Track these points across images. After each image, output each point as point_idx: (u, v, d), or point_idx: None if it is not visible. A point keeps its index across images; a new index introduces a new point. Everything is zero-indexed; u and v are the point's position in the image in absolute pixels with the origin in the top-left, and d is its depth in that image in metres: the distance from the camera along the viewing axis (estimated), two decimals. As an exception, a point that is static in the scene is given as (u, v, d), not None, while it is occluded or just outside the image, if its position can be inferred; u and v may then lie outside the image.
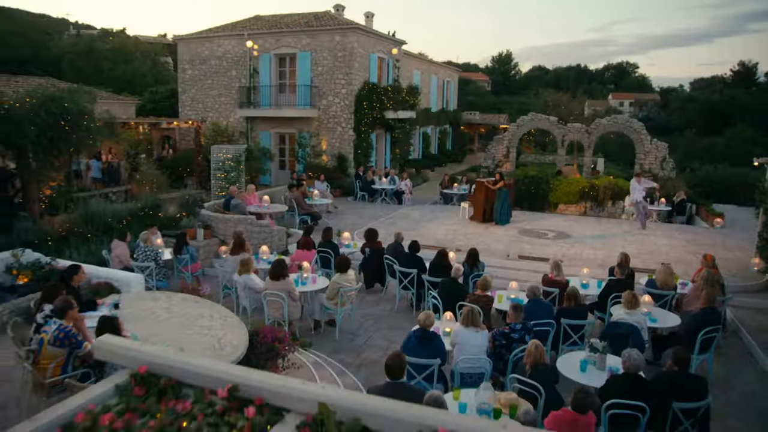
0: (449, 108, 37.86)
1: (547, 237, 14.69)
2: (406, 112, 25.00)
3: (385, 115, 23.01)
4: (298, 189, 15.50)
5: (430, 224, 15.82)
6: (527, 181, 20.11)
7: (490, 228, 15.62)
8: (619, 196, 19.32)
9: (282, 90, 23.15)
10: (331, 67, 21.98)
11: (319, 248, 10.93)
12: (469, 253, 10.00)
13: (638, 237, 14.85)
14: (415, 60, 30.88)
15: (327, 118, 22.42)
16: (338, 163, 22.32)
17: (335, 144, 22.48)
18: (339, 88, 22.11)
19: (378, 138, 24.74)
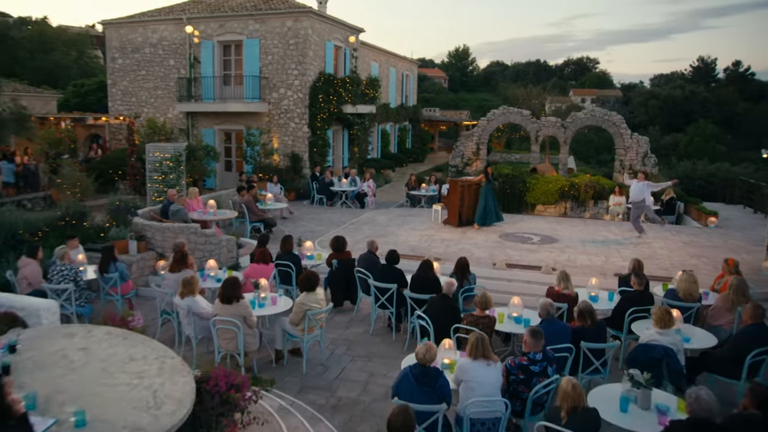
0: (409, 104, 37.12)
1: (533, 242, 13.89)
2: (366, 106, 24.09)
3: (342, 109, 22.07)
4: (249, 192, 14.13)
5: (401, 230, 14.84)
6: (501, 181, 19.33)
7: (468, 233, 14.72)
8: (601, 196, 18.79)
9: (227, 82, 21.79)
10: (283, 55, 20.81)
11: (278, 261, 9.68)
12: (458, 264, 8.93)
13: (632, 240, 14.28)
14: (372, 51, 29.84)
15: (278, 113, 21.24)
16: (292, 163, 21.16)
17: (288, 142, 21.28)
18: (291, 79, 20.92)
19: (335, 135, 23.74)
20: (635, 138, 20.96)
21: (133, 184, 18.71)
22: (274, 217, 15.34)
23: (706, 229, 15.81)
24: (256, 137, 20.29)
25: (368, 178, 19.48)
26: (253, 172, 20.35)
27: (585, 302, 7.00)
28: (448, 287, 7.79)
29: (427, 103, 50.17)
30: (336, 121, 22.76)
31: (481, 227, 15.13)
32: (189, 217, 12.00)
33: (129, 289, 9.24)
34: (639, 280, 8.02)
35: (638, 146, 20.92)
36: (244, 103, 20.74)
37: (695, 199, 18.23)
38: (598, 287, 8.73)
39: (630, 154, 20.99)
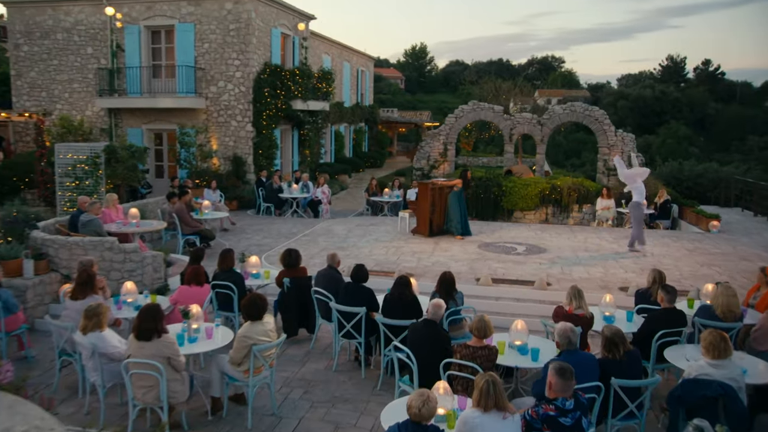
0: (364, 103, 36.34)
1: (518, 252, 13.01)
2: (319, 102, 23.13)
3: (292, 105, 21.03)
4: (181, 199, 12.66)
5: (362, 241, 13.81)
6: (474, 185, 18.49)
7: (442, 243, 13.73)
8: (586, 200, 18.30)
9: (157, 74, 20.39)
10: (222, 43, 19.57)
11: (215, 281, 8.31)
12: (443, 280, 7.76)
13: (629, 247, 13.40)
14: (324, 42, 28.79)
15: (218, 110, 19.98)
16: (234, 168, 19.88)
17: (229, 143, 20.00)
18: (232, 70, 19.67)
19: (284, 135, 22.57)
20: (620, 135, 20.40)
21: (43, 193, 16.95)
22: (213, 228, 13.93)
23: (708, 234, 15.24)
24: (191, 137, 18.84)
25: (322, 183, 18.29)
26: (188, 177, 18.85)
27: (612, 327, 5.88)
28: (434, 310, 6.56)
29: (383, 105, 49.42)
30: (284, 120, 21.63)
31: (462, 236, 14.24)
32: (104, 229, 10.47)
33: (18, 323, 7.68)
34: (669, 295, 6.97)
35: (623, 144, 20.38)
36: (176, 98, 19.33)
37: (692, 202, 17.72)
38: (613, 305, 7.64)
39: (614, 152, 20.33)
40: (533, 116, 21.45)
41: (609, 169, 20.40)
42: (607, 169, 20.48)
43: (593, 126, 20.69)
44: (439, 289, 7.77)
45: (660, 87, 68.37)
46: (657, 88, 67.30)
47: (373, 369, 7.85)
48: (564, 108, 21.27)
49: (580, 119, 20.93)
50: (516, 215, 18.63)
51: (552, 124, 21.24)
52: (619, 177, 13.05)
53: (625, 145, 20.43)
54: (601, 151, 20.67)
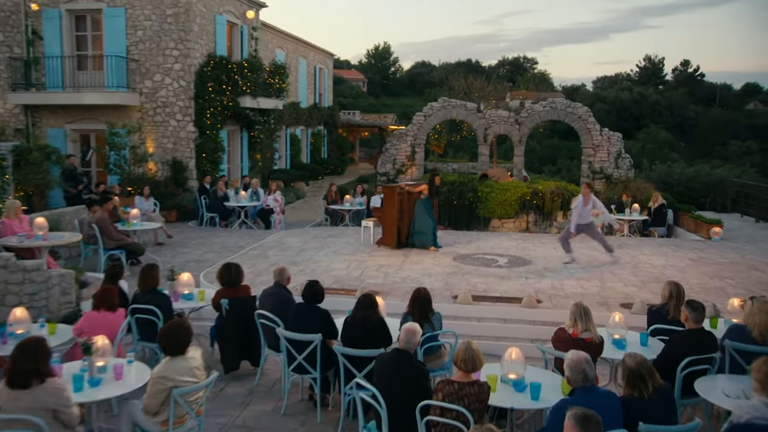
0: (323, 104, 35.58)
1: (499, 265, 12.27)
2: (270, 100, 22.12)
3: (239, 102, 20.00)
4: (103, 207, 11.42)
5: (320, 255, 12.99)
6: (446, 190, 17.78)
7: (412, 255, 12.93)
8: (569, 206, 17.52)
9: (82, 66, 19.15)
10: (158, 31, 18.53)
11: (135, 305, 7.15)
12: (416, 298, 6.81)
13: (625, 258, 12.99)
14: (277, 35, 27.88)
15: (154, 108, 18.91)
16: (173, 173, 18.80)
17: (168, 145, 18.95)
18: (170, 62, 18.66)
19: (231, 137, 21.53)
20: (605, 134, 19.94)
21: (-56, 203, 15.45)
22: (143, 242, 12.72)
23: (710, 242, 14.76)
24: (122, 138, 17.56)
25: (274, 190, 17.35)
26: (120, 184, 17.59)
27: (636, 357, 4.93)
28: (407, 337, 5.54)
29: (344, 108, 48.70)
30: (232, 119, 20.63)
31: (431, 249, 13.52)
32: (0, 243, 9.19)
33: None
34: (696, 313, 6.06)
35: (609, 144, 19.91)
36: (105, 94, 18.13)
37: (689, 207, 17.19)
38: (624, 326, 6.72)
39: (600, 154, 19.95)
40: (510, 114, 20.79)
41: (594, 172, 20.02)
42: (592, 172, 20.06)
43: (576, 125, 20.20)
44: (412, 309, 6.77)
45: (638, 89, 69.10)
46: (635, 91, 67.98)
47: (331, 411, 6.80)
48: (544, 105, 20.72)
49: (562, 117, 20.44)
50: (494, 224, 18.00)
51: (531, 123, 20.71)
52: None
53: (612, 145, 20.00)
54: (585, 152, 20.21)
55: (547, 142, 60.98)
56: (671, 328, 6.60)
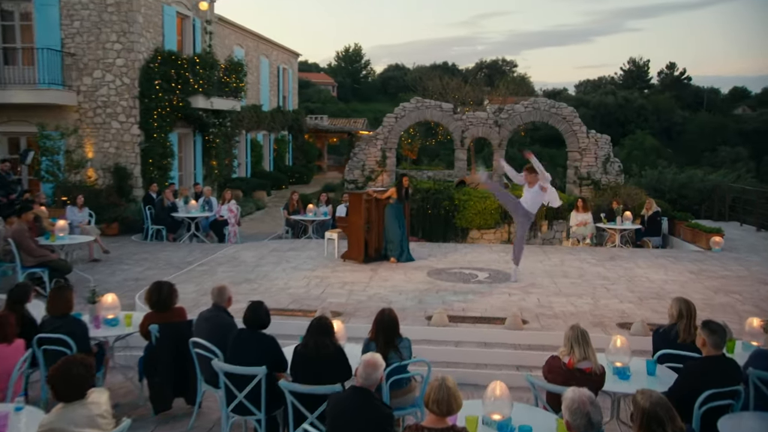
0: (287, 107, 35.16)
1: (479, 280, 11.70)
2: (227, 101, 21.56)
3: (191, 102, 19.42)
4: (21, 218, 10.48)
5: (277, 271, 12.34)
6: (420, 198, 17.29)
7: (381, 271, 12.36)
8: (557, 214, 17.26)
9: (10, 60, 18.29)
10: (97, 22, 17.87)
11: (42, 335, 6.29)
12: (380, 322, 6.08)
13: (619, 271, 12.43)
14: (236, 31, 27.38)
15: (93, 108, 18.23)
16: (116, 181, 18.12)
17: (110, 150, 18.29)
18: (112, 57, 18.04)
19: (183, 141, 20.90)
20: (593, 137, 19.52)
21: None
22: (72, 261, 11.80)
23: (710, 253, 14.34)
24: (55, 142, 16.64)
25: (228, 198, 16.62)
26: (53, 194, 16.71)
27: (651, 395, 4.19)
28: (367, 372, 4.78)
29: (312, 113, 48.24)
30: (183, 122, 20.00)
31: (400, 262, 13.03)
32: None
33: None
34: (715, 337, 5.35)
35: (597, 148, 19.48)
36: (37, 92, 17.39)
37: (685, 215, 16.77)
38: (627, 352, 6.00)
39: (587, 158, 19.52)
40: (489, 115, 20.21)
41: (581, 177, 19.57)
42: (579, 177, 19.62)
43: (560, 126, 19.78)
44: (376, 335, 6.00)
45: (623, 93, 69.44)
46: (619, 95, 68.31)
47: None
48: (526, 106, 20.25)
49: (545, 118, 20.01)
50: (472, 235, 17.41)
51: (511, 125, 20.22)
52: (514, 180, 11.55)
53: (599, 148, 19.58)
54: (571, 156, 19.77)
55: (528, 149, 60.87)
56: (682, 354, 5.90)
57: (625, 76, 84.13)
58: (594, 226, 16.02)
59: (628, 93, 70.24)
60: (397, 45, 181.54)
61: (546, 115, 19.90)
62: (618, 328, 8.54)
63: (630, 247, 15.59)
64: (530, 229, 16.94)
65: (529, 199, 10.91)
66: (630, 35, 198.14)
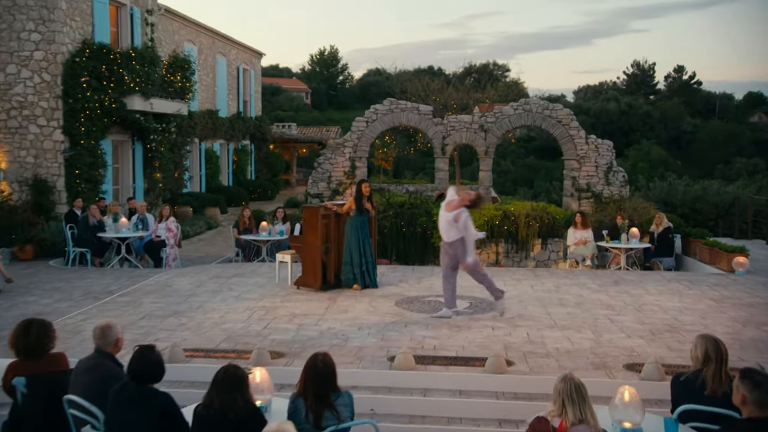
0: (249, 113, 34.75)
1: (457, 310, 11.12)
2: (171, 102, 20.91)
3: (126, 103, 18.71)
4: None
5: (215, 301, 11.53)
6: (393, 215, 16.91)
7: (340, 300, 11.60)
8: (552, 232, 16.90)
9: None
10: (9, 6, 17.42)
11: None
12: (310, 369, 5.13)
13: (625, 298, 11.67)
14: (188, 25, 27.07)
15: (7, 109, 17.75)
16: (34, 196, 17.46)
17: (27, 159, 17.69)
18: (29, 48, 17.49)
19: (119, 150, 20.46)
20: (592, 142, 19.35)
21: None
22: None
23: (733, 276, 13.80)
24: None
25: (166, 215, 15.97)
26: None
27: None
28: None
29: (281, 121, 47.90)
30: (118, 127, 19.41)
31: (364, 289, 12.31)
32: None
33: None
34: (759, 393, 4.37)
35: (598, 155, 19.32)
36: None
37: (701, 231, 16.28)
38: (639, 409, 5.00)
39: (586, 167, 19.31)
40: (474, 119, 20.05)
41: (579, 189, 19.43)
42: (577, 189, 19.47)
43: (555, 131, 19.66)
44: (305, 389, 5.03)
45: (626, 99, 69.34)
46: (623, 101, 68.15)
47: None
48: (516, 107, 20.14)
49: (538, 122, 19.85)
50: None
51: (500, 130, 20.09)
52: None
53: (600, 155, 19.45)
54: (568, 164, 19.54)
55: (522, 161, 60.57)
56: (713, 412, 4.94)
57: (629, 80, 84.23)
58: (595, 245, 15.52)
59: (632, 99, 70.19)
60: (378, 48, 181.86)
61: (539, 118, 19.66)
62: (625, 371, 7.68)
63: (638, 270, 15.14)
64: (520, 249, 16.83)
65: (442, 223, 10.25)
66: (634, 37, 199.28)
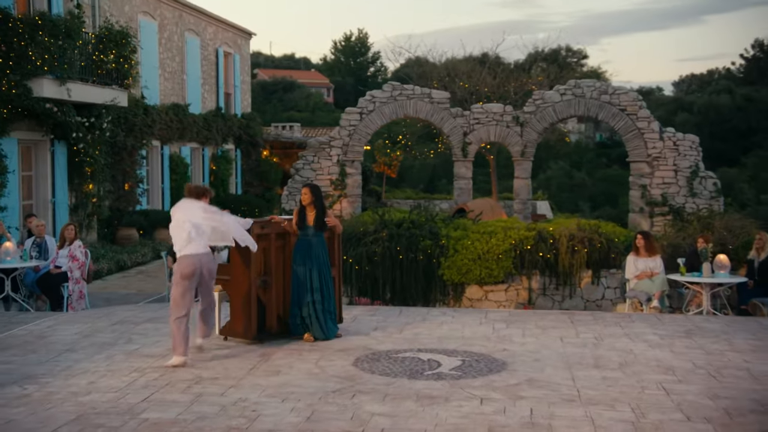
0: (233, 110, 35.20)
1: (439, 372, 9.91)
2: (100, 90, 20.64)
3: (30, 88, 18.63)
4: None
5: (93, 361, 10.62)
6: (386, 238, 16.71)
7: (276, 356, 10.67)
8: (605, 262, 16.66)
9: None
10: None
11: None
12: None
13: (696, 357, 10.48)
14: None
15: None
16: None
17: None
18: None
19: (33, 152, 20.87)
20: (670, 137, 18.80)
21: None
22: None
23: None
24: None
25: (70, 238, 15.43)
26: None
27: None
28: None
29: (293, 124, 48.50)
30: (29, 121, 19.33)
31: (318, 341, 11.70)
32: None
33: None
34: None
35: (677, 155, 18.66)
36: None
37: None
38: None
39: (661, 171, 18.87)
40: (505, 108, 20.01)
41: (651, 202, 19.09)
42: (648, 203, 19.13)
43: (617, 122, 19.30)
44: None
45: (743, 91, 66.98)
46: (738, 93, 65.96)
47: None
48: (562, 91, 19.73)
49: (593, 111, 19.50)
50: (471, 293, 16.99)
51: (541, 123, 19.75)
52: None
53: (682, 156, 19.02)
54: (635, 168, 19.30)
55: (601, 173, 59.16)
56: None
57: (749, 66, 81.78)
58: (665, 279, 14.66)
59: (753, 90, 67.86)
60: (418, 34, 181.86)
61: (594, 106, 19.29)
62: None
63: (730, 314, 14.60)
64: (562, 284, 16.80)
65: None
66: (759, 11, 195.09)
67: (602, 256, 16.68)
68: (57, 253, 15.32)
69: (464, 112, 20.08)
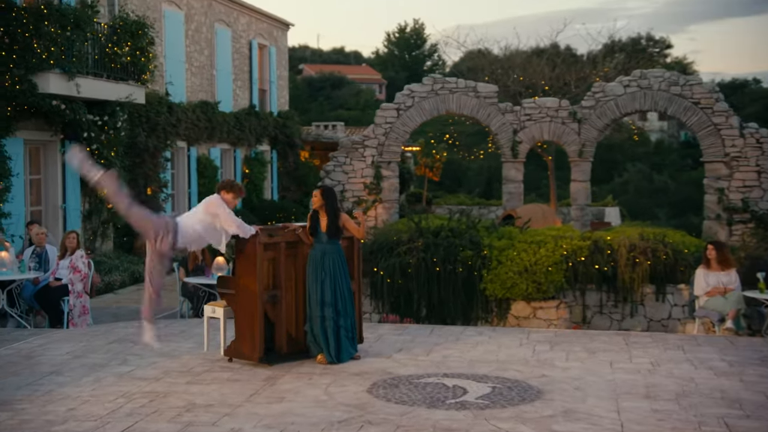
0: (269, 108, 35.33)
1: (463, 400, 9.62)
2: (114, 85, 20.83)
3: (36, 84, 18.64)
4: None
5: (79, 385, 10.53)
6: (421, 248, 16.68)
7: (284, 380, 10.47)
8: (673, 276, 16.36)
9: None
10: None
11: None
12: None
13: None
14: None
15: None
16: None
17: None
18: None
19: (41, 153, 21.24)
20: (752, 134, 18.72)
21: None
22: None
23: None
24: None
25: (72, 248, 15.43)
26: None
27: None
28: None
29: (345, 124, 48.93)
30: (36, 120, 19.68)
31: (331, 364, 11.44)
32: None
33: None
34: None
35: (761, 154, 18.60)
36: None
37: None
38: None
39: (742, 172, 18.85)
40: (560, 102, 19.95)
41: (730, 208, 19.16)
42: (725, 208, 19.20)
43: (690, 118, 19.23)
44: None
45: None
46: None
47: None
48: (626, 83, 19.60)
49: (662, 105, 19.37)
50: (517, 311, 16.86)
51: (601, 120, 19.76)
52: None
53: (766, 155, 18.75)
54: (710, 169, 19.28)
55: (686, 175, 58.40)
56: None
57: None
58: (741, 296, 14.15)
59: None
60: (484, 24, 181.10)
61: (663, 99, 19.18)
62: None
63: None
64: (622, 301, 16.62)
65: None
66: None
67: (668, 269, 16.42)
68: (57, 263, 15.35)
69: (514, 107, 20.09)
